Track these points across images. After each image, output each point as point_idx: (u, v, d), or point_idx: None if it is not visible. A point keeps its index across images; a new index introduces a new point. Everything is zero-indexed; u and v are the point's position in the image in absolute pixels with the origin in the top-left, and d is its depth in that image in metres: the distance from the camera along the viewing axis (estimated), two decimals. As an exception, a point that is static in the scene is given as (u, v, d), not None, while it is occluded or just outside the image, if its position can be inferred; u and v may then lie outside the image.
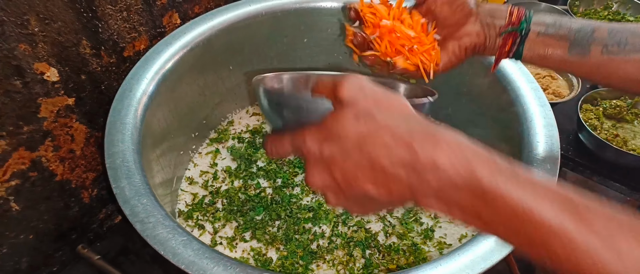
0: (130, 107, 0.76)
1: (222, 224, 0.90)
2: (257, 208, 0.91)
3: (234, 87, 1.08)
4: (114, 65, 0.88)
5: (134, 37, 0.89)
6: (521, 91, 0.80)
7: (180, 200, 0.95)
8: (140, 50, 0.92)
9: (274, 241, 0.87)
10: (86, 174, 0.91)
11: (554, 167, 0.68)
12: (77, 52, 0.79)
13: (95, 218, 0.97)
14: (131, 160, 0.68)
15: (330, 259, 0.84)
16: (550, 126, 0.74)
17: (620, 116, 1.05)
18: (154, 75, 0.82)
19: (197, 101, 0.99)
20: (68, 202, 0.89)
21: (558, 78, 1.15)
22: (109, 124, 0.73)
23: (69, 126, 0.83)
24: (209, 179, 0.98)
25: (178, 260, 0.56)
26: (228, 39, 0.97)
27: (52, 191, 0.85)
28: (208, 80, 0.99)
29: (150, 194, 0.65)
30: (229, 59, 1.01)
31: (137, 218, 0.61)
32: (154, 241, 0.58)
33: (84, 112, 0.85)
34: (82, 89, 0.83)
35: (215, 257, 0.56)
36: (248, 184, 0.97)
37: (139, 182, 0.66)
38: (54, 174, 0.84)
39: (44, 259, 0.89)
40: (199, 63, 0.93)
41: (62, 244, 0.91)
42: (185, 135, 0.99)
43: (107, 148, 0.69)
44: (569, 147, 1.07)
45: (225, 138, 1.07)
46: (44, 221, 0.86)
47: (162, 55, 0.86)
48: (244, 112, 1.14)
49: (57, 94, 0.79)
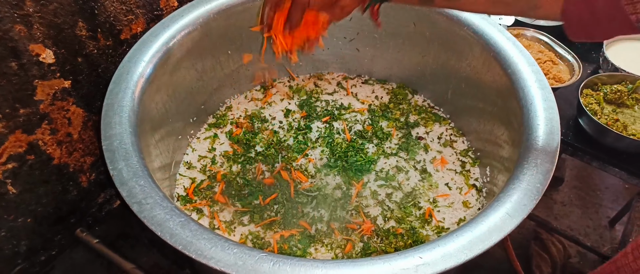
0: (127, 90, 0.75)
1: (220, 208, 0.90)
2: (255, 192, 0.91)
3: (232, 73, 1.07)
4: (111, 47, 0.87)
5: (130, 19, 0.88)
6: (522, 73, 0.80)
7: (179, 184, 0.94)
8: (137, 33, 0.91)
9: (272, 225, 0.87)
10: (84, 158, 0.90)
11: (553, 151, 0.68)
12: (74, 34, 0.79)
13: (93, 202, 0.97)
14: (128, 142, 0.68)
15: (328, 243, 0.84)
16: (551, 108, 0.73)
17: (621, 100, 1.04)
18: (151, 57, 0.82)
19: (196, 86, 0.99)
20: (66, 186, 0.89)
21: (559, 63, 1.14)
22: (106, 106, 0.72)
23: (66, 109, 0.83)
24: (207, 164, 0.98)
25: (175, 241, 0.56)
26: (226, 23, 0.96)
27: (50, 174, 0.85)
28: (206, 65, 0.98)
29: (148, 176, 0.65)
30: (227, 44, 1.00)
31: (135, 199, 0.61)
32: (151, 222, 0.58)
33: (81, 95, 0.84)
34: (78, 71, 0.82)
35: (213, 238, 0.56)
36: (246, 168, 0.96)
37: (136, 164, 0.65)
38: (52, 157, 0.84)
39: (42, 242, 0.89)
40: (196, 47, 0.92)
41: (61, 227, 0.92)
42: (184, 120, 0.99)
43: (104, 130, 0.69)
44: (568, 132, 1.06)
45: (223, 123, 1.06)
46: (42, 204, 0.86)
47: (159, 38, 0.85)
48: (242, 98, 1.13)
49: (53, 76, 0.78)
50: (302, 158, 0.98)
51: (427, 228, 0.87)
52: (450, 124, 1.06)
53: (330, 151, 0.99)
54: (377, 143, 1.01)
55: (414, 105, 1.11)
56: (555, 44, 1.17)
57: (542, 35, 1.18)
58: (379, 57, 1.12)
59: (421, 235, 0.85)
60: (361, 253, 0.83)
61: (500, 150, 0.85)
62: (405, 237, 0.84)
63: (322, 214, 0.88)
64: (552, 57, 1.15)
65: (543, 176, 0.64)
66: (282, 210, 0.89)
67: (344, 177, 0.94)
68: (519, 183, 0.64)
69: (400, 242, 0.83)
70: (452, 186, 0.94)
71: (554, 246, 1.49)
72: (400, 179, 0.94)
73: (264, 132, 1.04)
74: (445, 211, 0.90)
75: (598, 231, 1.96)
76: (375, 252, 0.83)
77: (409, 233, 0.85)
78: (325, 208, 0.89)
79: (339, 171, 0.95)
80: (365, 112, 1.09)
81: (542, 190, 0.63)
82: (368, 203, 0.90)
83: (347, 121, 1.06)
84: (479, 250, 0.56)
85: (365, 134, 1.03)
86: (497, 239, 0.57)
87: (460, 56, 0.96)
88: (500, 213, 0.60)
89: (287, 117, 1.07)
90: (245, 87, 1.14)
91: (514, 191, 0.63)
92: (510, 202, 0.61)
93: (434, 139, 1.03)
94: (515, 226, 0.58)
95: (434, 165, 0.97)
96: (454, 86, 1.02)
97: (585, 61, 1.20)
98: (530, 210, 0.60)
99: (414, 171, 0.96)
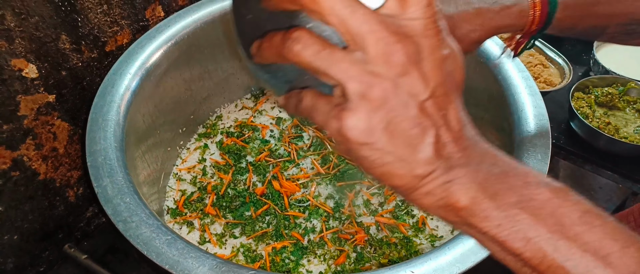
0: (112, 104, 0.74)
1: (211, 220, 0.89)
2: (246, 203, 0.90)
3: (221, 81, 1.06)
4: (96, 60, 0.85)
5: (115, 31, 0.87)
6: (512, 80, 0.79)
7: (169, 197, 0.93)
8: (122, 44, 0.89)
9: (264, 237, 0.85)
10: (71, 172, 0.89)
11: (545, 157, 0.67)
12: (57, 48, 0.77)
13: (81, 216, 0.95)
14: (113, 158, 0.67)
15: (321, 254, 0.83)
16: (541, 115, 0.73)
17: (612, 103, 1.04)
18: (137, 70, 0.80)
19: (184, 96, 0.97)
20: (53, 202, 0.88)
21: (550, 66, 1.14)
22: (90, 121, 0.71)
23: (51, 124, 0.81)
24: (198, 175, 0.96)
25: (162, 260, 0.55)
26: (214, 31, 0.95)
27: (36, 190, 0.83)
28: (194, 74, 0.97)
29: (134, 192, 0.63)
30: (216, 53, 0.99)
31: (120, 217, 0.59)
32: (137, 241, 0.57)
33: (66, 109, 0.82)
34: (63, 85, 0.81)
35: (201, 256, 0.55)
36: (237, 179, 0.95)
37: (121, 180, 0.64)
38: (37, 173, 0.82)
39: (30, 259, 0.88)
40: (184, 57, 0.91)
41: (49, 243, 0.90)
42: (172, 131, 0.97)
43: (89, 146, 0.67)
44: (560, 136, 1.06)
45: (213, 133, 1.05)
46: (28, 221, 0.84)
47: (145, 49, 0.84)
48: (232, 106, 1.12)
49: (36, 91, 0.77)
50: (293, 168, 0.97)
51: (420, 236, 0.86)
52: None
53: (322, 160, 0.98)
54: (369, 151, 1.00)
55: (405, 111, 1.10)
56: (545, 47, 1.17)
57: (532, 38, 1.18)
58: (370, 63, 1.11)
59: (415, 244, 0.84)
60: (355, 264, 0.81)
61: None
62: (398, 247, 0.83)
63: (314, 224, 0.87)
64: (542, 60, 1.15)
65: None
66: (274, 221, 0.88)
67: (336, 186, 0.93)
68: (511, 192, 0.63)
69: (394, 252, 0.83)
70: (445, 193, 0.93)
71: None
72: (393, 187, 0.93)
73: (254, 142, 1.03)
74: (438, 219, 0.89)
75: (592, 231, 1.96)
76: (369, 262, 0.82)
77: (402, 242, 0.84)
78: (318, 219, 0.88)
79: (331, 180, 0.94)
80: (356, 119, 1.07)
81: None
82: (361, 212, 0.89)
83: (338, 129, 1.05)
84: (471, 263, 0.55)
85: (357, 141, 1.02)
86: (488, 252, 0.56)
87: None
88: (492, 224, 0.59)
89: (278, 126, 1.06)
90: (235, 96, 1.13)
91: (507, 201, 0.62)
92: (503, 212, 0.61)
93: (426, 145, 1.02)
94: (508, 237, 0.57)
95: (426, 172, 0.96)
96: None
97: (576, 64, 1.20)
98: (522, 220, 0.59)
99: (407, 178, 0.95)
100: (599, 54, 1.17)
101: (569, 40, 1.31)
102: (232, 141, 1.02)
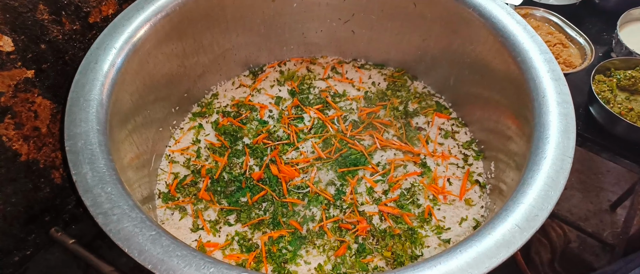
0: (95, 82, 0.68)
1: (204, 206, 0.84)
2: (242, 189, 0.85)
3: (217, 57, 0.99)
4: (79, 32, 0.78)
5: (100, 0, 0.80)
6: (533, 62, 0.72)
7: (160, 180, 0.88)
8: (108, 15, 0.82)
9: (260, 225, 0.81)
10: (55, 153, 0.83)
11: (568, 150, 0.61)
12: (34, 18, 0.70)
13: (69, 198, 0.90)
14: (95, 142, 0.61)
15: (320, 245, 0.79)
16: (566, 103, 0.66)
17: (635, 87, 0.97)
18: (124, 44, 0.73)
19: (177, 73, 0.91)
20: (37, 184, 0.83)
21: (570, 46, 1.07)
22: (70, 101, 0.65)
23: (31, 102, 0.75)
24: (191, 158, 0.91)
25: (144, 259, 0.50)
26: (209, 3, 0.87)
27: (18, 172, 0.78)
28: (188, 49, 0.90)
29: (117, 181, 0.58)
30: (211, 26, 0.92)
31: (100, 209, 0.54)
32: (118, 236, 0.52)
33: (47, 85, 0.76)
34: (42, 59, 0.74)
35: (187, 255, 0.50)
36: (233, 162, 0.90)
37: (103, 167, 0.58)
38: (18, 153, 0.77)
39: (15, 243, 0.83)
40: (176, 31, 0.84)
41: (35, 227, 0.85)
42: (165, 109, 0.91)
43: (67, 129, 0.62)
44: (578, 121, 1.00)
45: (209, 112, 0.99)
46: (11, 203, 0.79)
47: (132, 21, 0.76)
48: (229, 84, 1.06)
49: (13, 65, 0.70)
50: (292, 151, 0.91)
51: (426, 227, 0.81)
52: (452, 114, 0.99)
53: (323, 144, 0.92)
54: (373, 134, 0.94)
55: (413, 92, 1.03)
56: (565, 25, 1.08)
57: (552, 15, 1.10)
58: (376, 40, 1.04)
59: (420, 236, 0.79)
60: (356, 256, 0.77)
61: (509, 143, 0.78)
62: (402, 238, 0.79)
63: (313, 213, 0.82)
64: (562, 39, 1.07)
65: (556, 183, 0.58)
66: (271, 208, 0.83)
67: (338, 172, 0.87)
68: (530, 189, 0.58)
69: (398, 244, 0.78)
70: (454, 181, 0.88)
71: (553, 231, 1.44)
72: (398, 174, 0.88)
73: (252, 123, 0.97)
74: (445, 209, 0.84)
75: (599, 216, 1.92)
76: (371, 254, 0.77)
77: (407, 233, 0.79)
78: (317, 207, 0.83)
79: (332, 165, 0.88)
80: (361, 100, 1.01)
81: (556, 197, 0.56)
82: (363, 201, 0.84)
83: (341, 110, 0.99)
84: (485, 269, 0.50)
85: (360, 124, 0.96)
86: (505, 255, 0.51)
87: (464, 40, 0.88)
88: (508, 225, 0.54)
89: (277, 106, 1.00)
90: (232, 73, 1.06)
91: (525, 198, 0.57)
92: (520, 211, 0.55)
93: (434, 129, 0.96)
94: (527, 240, 0.52)
95: (434, 159, 0.91)
96: (456, 72, 0.94)
97: (597, 44, 1.12)
98: (542, 221, 0.54)
99: (413, 165, 0.90)
100: (622, 33, 1.09)
101: (590, 18, 1.23)
102: (229, 121, 0.96)
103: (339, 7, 0.99)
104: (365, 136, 0.94)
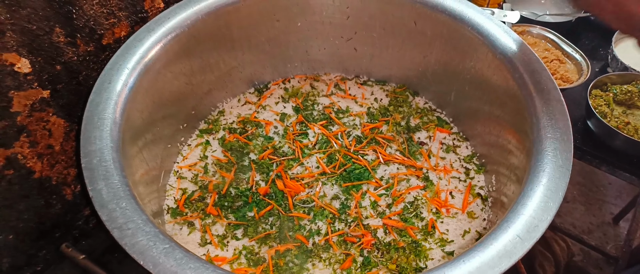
0: (109, 101, 0.71)
1: (212, 221, 0.86)
2: (249, 203, 0.87)
3: (223, 75, 1.02)
4: (92, 54, 0.81)
5: (113, 23, 0.83)
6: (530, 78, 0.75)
7: (169, 196, 0.90)
8: (120, 37, 0.85)
9: (267, 239, 0.82)
10: (67, 170, 0.85)
11: (566, 163, 0.63)
12: (50, 41, 0.73)
13: (79, 215, 0.92)
14: (109, 159, 0.63)
15: (326, 258, 0.80)
16: (562, 115, 0.69)
17: (631, 102, 0.99)
18: (136, 65, 0.76)
19: (184, 91, 0.93)
20: (49, 200, 0.85)
21: (566, 62, 1.09)
22: (86, 120, 0.68)
23: (46, 120, 0.78)
24: (199, 173, 0.93)
25: (159, 271, 0.52)
26: (216, 23, 0.90)
27: (31, 188, 0.80)
28: (195, 68, 0.93)
29: (131, 196, 0.60)
30: (217, 46, 0.95)
31: (115, 223, 0.56)
32: (133, 250, 0.53)
33: (61, 105, 0.79)
34: (57, 80, 0.77)
35: (199, 267, 0.52)
36: (240, 178, 0.92)
37: (117, 183, 0.61)
38: (32, 171, 0.79)
39: (26, 258, 0.85)
40: (184, 50, 0.87)
41: (45, 242, 0.87)
42: (173, 126, 0.94)
43: (83, 146, 0.64)
44: (577, 135, 1.02)
45: (215, 129, 1.01)
46: (24, 220, 0.81)
47: (144, 42, 0.80)
48: (235, 101, 1.08)
49: (30, 86, 0.73)
50: (298, 166, 0.93)
51: (430, 240, 0.82)
52: (453, 129, 1.01)
53: (328, 159, 0.94)
54: (376, 149, 0.96)
55: (415, 108, 1.06)
56: (562, 41, 1.12)
57: (548, 32, 1.13)
58: (378, 57, 1.07)
59: (424, 249, 0.81)
60: (361, 269, 0.78)
61: (510, 157, 0.80)
62: (407, 251, 0.80)
63: (319, 226, 0.84)
64: (559, 55, 1.10)
65: (555, 194, 0.60)
66: (278, 223, 0.84)
67: (342, 186, 0.89)
68: (530, 200, 0.60)
69: (402, 256, 0.79)
70: (456, 195, 0.89)
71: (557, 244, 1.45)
72: (402, 188, 0.90)
73: (258, 139, 0.99)
74: (448, 222, 0.85)
75: (602, 229, 1.93)
76: (376, 267, 0.79)
77: (411, 246, 0.81)
78: (323, 220, 0.85)
79: (336, 180, 0.90)
80: (364, 116, 1.04)
81: (555, 208, 0.58)
82: (368, 214, 0.86)
83: (345, 126, 1.01)
84: (488, 278, 0.51)
85: (364, 139, 0.98)
86: (507, 265, 0.52)
87: (464, 57, 0.91)
88: (510, 235, 0.56)
89: (282, 122, 1.03)
90: (238, 90, 1.09)
91: (525, 209, 0.59)
92: (521, 222, 0.57)
93: (436, 144, 0.98)
94: (528, 250, 0.54)
95: (436, 173, 0.93)
96: (457, 87, 0.97)
97: (593, 59, 1.15)
98: (543, 231, 0.56)
99: (416, 179, 0.92)
100: (617, 49, 1.12)
101: (586, 34, 1.26)
102: (235, 137, 0.98)
103: (342, 25, 1.02)
104: (369, 151, 0.96)
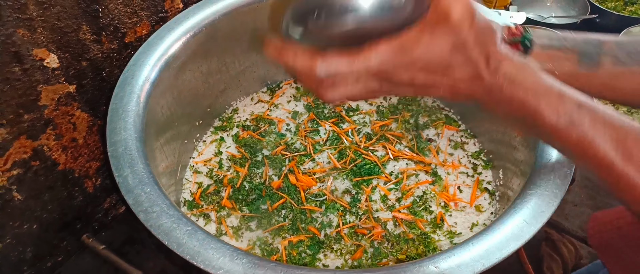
0: (132, 94, 0.74)
1: (227, 213, 0.89)
2: (262, 197, 0.90)
3: (238, 74, 1.05)
4: (116, 51, 0.86)
5: (135, 22, 0.87)
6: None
7: (185, 189, 0.93)
8: (142, 35, 0.90)
9: (280, 230, 0.85)
10: (89, 163, 0.89)
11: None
12: (77, 38, 0.77)
13: (99, 207, 0.96)
14: (134, 148, 0.67)
15: (338, 249, 0.83)
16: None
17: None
18: (157, 61, 0.80)
19: (201, 89, 0.97)
20: (72, 192, 0.88)
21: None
22: (111, 111, 0.71)
23: (71, 114, 0.82)
24: (214, 168, 0.96)
25: (183, 250, 0.55)
26: (232, 24, 0.94)
27: (55, 180, 0.84)
28: (212, 67, 0.97)
29: (154, 183, 0.63)
30: (234, 45, 0.99)
31: (141, 207, 0.59)
32: (158, 231, 0.56)
33: (86, 99, 0.83)
34: (83, 76, 0.81)
35: (221, 247, 0.55)
36: (253, 172, 0.95)
37: (142, 170, 0.64)
38: (57, 163, 0.83)
39: (48, 249, 0.88)
40: (202, 49, 0.91)
41: (67, 233, 0.90)
42: (189, 123, 0.97)
43: (109, 136, 0.68)
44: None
45: (229, 126, 1.05)
46: (47, 210, 0.85)
47: (164, 41, 0.83)
48: (248, 100, 1.12)
49: (57, 81, 0.77)
50: (309, 162, 0.96)
51: (438, 233, 0.85)
52: (460, 126, 1.04)
53: (339, 155, 0.97)
54: (386, 146, 0.99)
55: (423, 106, 1.09)
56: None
57: (553, 33, 1.16)
58: (387, 57, 1.10)
59: (433, 240, 0.83)
60: (372, 259, 0.81)
61: (515, 153, 0.82)
62: (416, 242, 0.82)
63: (330, 219, 0.87)
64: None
65: (561, 181, 0.62)
66: (290, 215, 0.87)
67: (353, 181, 0.92)
68: (536, 188, 0.62)
69: (412, 248, 0.82)
70: (464, 189, 0.92)
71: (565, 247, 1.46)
72: (411, 182, 0.92)
73: (270, 135, 1.02)
74: (457, 215, 0.88)
75: (609, 232, 1.93)
76: (386, 258, 0.81)
77: (420, 238, 0.83)
78: (334, 213, 0.87)
79: (347, 174, 0.93)
80: (373, 114, 1.07)
81: (561, 195, 0.61)
82: (378, 207, 0.88)
83: (355, 123, 1.04)
84: (496, 259, 0.54)
85: (373, 136, 1.01)
86: (514, 247, 0.55)
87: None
88: (516, 220, 0.58)
89: (294, 120, 1.06)
90: (251, 89, 1.13)
91: (531, 197, 0.61)
92: (527, 208, 0.59)
93: (444, 141, 1.01)
94: (534, 233, 0.56)
95: (444, 168, 0.95)
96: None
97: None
98: (548, 217, 0.58)
99: (425, 174, 0.94)
100: (622, 50, 1.14)
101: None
102: (248, 134, 1.02)
103: (352, 27, 1.06)
104: (379, 147, 0.99)
